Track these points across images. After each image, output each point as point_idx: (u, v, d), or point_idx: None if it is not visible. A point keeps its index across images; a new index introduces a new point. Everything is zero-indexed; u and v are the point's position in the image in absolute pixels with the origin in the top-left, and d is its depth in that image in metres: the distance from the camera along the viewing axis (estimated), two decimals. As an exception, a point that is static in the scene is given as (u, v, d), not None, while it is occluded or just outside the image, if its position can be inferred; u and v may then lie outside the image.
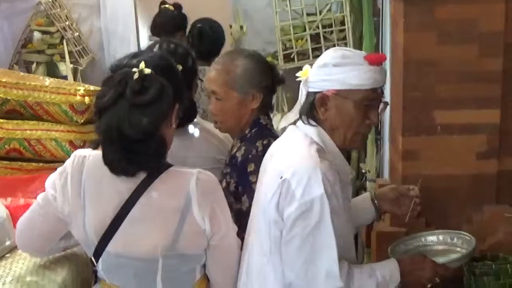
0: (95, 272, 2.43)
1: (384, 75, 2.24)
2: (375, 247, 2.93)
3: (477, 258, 2.64)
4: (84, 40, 4.74)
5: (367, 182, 3.73)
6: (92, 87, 3.32)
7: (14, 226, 2.68)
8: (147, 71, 2.19)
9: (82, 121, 3.20)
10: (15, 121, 3.22)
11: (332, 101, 2.22)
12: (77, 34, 4.68)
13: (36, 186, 3.01)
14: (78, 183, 2.24)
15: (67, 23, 4.62)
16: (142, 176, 2.21)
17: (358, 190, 4.29)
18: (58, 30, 4.51)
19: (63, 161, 3.08)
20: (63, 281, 2.46)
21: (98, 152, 2.24)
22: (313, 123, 2.26)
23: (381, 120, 3.78)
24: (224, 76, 2.66)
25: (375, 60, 2.21)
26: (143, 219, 2.21)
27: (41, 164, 3.21)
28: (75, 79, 4.45)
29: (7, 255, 2.59)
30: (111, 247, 2.22)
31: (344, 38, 4.15)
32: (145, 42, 5.05)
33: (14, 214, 2.73)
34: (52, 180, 2.30)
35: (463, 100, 2.78)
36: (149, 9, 5.51)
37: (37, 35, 4.51)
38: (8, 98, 3.22)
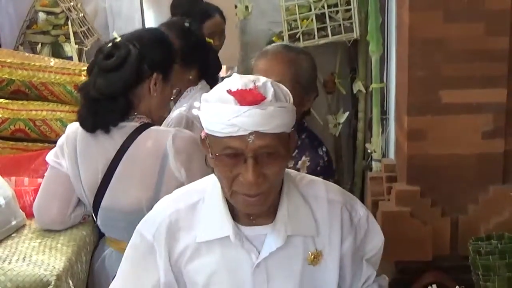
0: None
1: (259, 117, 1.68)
2: (381, 227, 2.92)
3: (482, 238, 2.63)
4: (89, 20, 4.72)
5: (373, 162, 3.72)
6: (97, 67, 3.31)
7: (20, 206, 2.70)
8: (118, 39, 2.55)
9: (87, 101, 3.20)
10: (20, 102, 3.24)
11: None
12: (82, 14, 4.66)
13: (39, 163, 3.04)
14: (73, 148, 2.52)
15: (71, 3, 4.60)
16: (125, 136, 2.49)
17: (364, 170, 4.29)
18: (63, 11, 4.48)
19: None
20: (69, 259, 2.48)
21: None
22: None
23: (387, 100, 3.77)
24: (292, 68, 2.45)
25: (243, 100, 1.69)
26: (127, 174, 2.48)
27: (46, 145, 3.24)
28: (80, 59, 4.43)
29: (13, 235, 2.61)
30: (104, 202, 2.51)
31: (350, 18, 4.12)
32: (150, 23, 5.03)
33: (19, 194, 2.75)
34: (53, 151, 2.59)
35: (469, 79, 2.76)
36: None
37: (42, 15, 4.49)
38: (13, 78, 3.24)
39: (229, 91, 1.68)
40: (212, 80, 3.15)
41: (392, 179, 3.04)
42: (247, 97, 1.66)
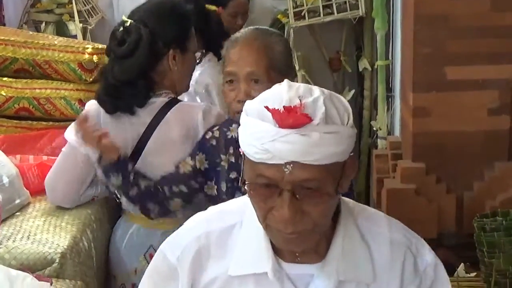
0: (119, 205, 2.68)
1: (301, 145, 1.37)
2: (386, 204, 2.92)
3: (487, 215, 2.62)
4: (93, -1, 4.71)
5: (378, 139, 3.71)
6: (100, 46, 3.30)
7: (24, 184, 2.70)
8: (128, 22, 2.50)
9: (91, 79, 3.20)
10: (24, 80, 3.22)
11: None
12: (86, -7, 4.64)
13: (44, 143, 3.03)
14: (98, 125, 2.47)
15: (76, -19, 4.57)
16: (154, 112, 2.50)
17: (370, 147, 4.28)
18: (67, -11, 4.47)
19: (72, 120, 3.11)
20: (74, 237, 2.47)
21: None
22: None
23: (393, 78, 3.75)
24: (266, 55, 2.22)
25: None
26: (157, 150, 2.48)
27: (50, 123, 3.22)
28: (84, 38, 4.41)
29: (17, 213, 2.61)
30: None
31: (355, -6, 4.10)
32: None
33: (24, 172, 2.75)
34: (74, 129, 2.45)
35: (475, 55, 2.74)
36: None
37: (45, -6, 4.48)
38: (17, 57, 3.22)
39: (267, 107, 1.37)
40: (219, 49, 3.12)
41: (397, 156, 3.04)
42: (287, 118, 1.34)
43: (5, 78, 3.22)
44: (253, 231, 1.51)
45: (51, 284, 2.18)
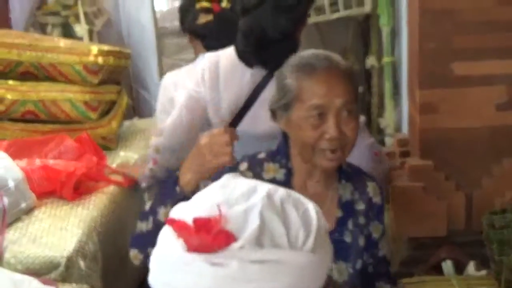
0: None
1: None
2: (395, 203, 2.90)
3: (496, 211, 2.60)
4: (99, 0, 4.70)
5: (386, 137, 3.70)
6: (106, 47, 3.30)
7: (30, 187, 2.69)
8: None
9: (97, 81, 3.19)
10: (30, 83, 3.22)
11: None
12: (92, -6, 4.64)
13: (52, 147, 3.02)
14: (216, 75, 2.52)
15: (81, -17, 4.57)
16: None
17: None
18: (72, -9, 4.47)
19: (79, 122, 3.12)
20: (79, 240, 2.47)
21: (228, 51, 2.56)
22: None
23: (400, 74, 3.73)
24: (354, 84, 2.01)
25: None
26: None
27: (57, 126, 3.22)
28: (91, 40, 4.41)
29: (23, 217, 2.60)
30: (241, 126, 2.45)
31: (361, -9, 4.08)
32: (159, 2, 4.99)
33: (30, 176, 2.74)
34: (194, 80, 2.57)
35: (481, 50, 2.71)
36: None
37: (51, -4, 4.48)
38: (22, 60, 3.22)
39: (175, 221, 0.98)
40: None
41: (405, 154, 3.01)
42: (195, 237, 0.93)
43: (10, 81, 3.21)
44: None
45: (56, 288, 2.18)
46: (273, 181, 1.97)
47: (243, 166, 2.07)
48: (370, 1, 4.01)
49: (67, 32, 4.51)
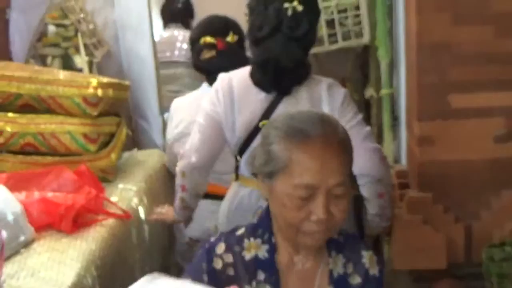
0: (237, 167, 2.76)
1: None
2: (395, 234, 2.89)
3: (496, 244, 2.59)
4: (99, 32, 4.72)
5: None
6: (105, 79, 3.31)
7: (29, 221, 2.69)
8: (299, 8, 2.56)
9: (95, 113, 3.19)
10: (29, 116, 3.22)
11: None
12: (92, 26, 4.65)
13: (50, 180, 3.01)
14: (230, 95, 2.64)
15: (81, 15, 4.59)
16: None
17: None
18: (72, 23, 4.48)
19: (78, 155, 3.12)
20: (78, 274, 2.45)
21: (240, 72, 2.69)
22: None
23: (398, 106, 3.74)
24: (349, 151, 1.80)
25: None
26: None
27: (56, 158, 3.21)
28: (90, 71, 4.42)
29: (21, 251, 2.59)
30: (256, 141, 2.55)
31: (359, 23, 4.09)
32: (159, 33, 5.02)
33: (28, 209, 2.73)
34: (210, 100, 2.68)
35: (479, 83, 2.73)
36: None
37: (51, 28, 4.48)
38: (21, 93, 3.22)
39: None
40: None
41: (404, 185, 3.01)
42: None
43: (10, 114, 3.22)
44: None
45: (54, 323, 2.16)
46: (255, 259, 1.84)
47: (220, 248, 1.85)
48: (368, 32, 4.03)
49: (67, 63, 4.52)
